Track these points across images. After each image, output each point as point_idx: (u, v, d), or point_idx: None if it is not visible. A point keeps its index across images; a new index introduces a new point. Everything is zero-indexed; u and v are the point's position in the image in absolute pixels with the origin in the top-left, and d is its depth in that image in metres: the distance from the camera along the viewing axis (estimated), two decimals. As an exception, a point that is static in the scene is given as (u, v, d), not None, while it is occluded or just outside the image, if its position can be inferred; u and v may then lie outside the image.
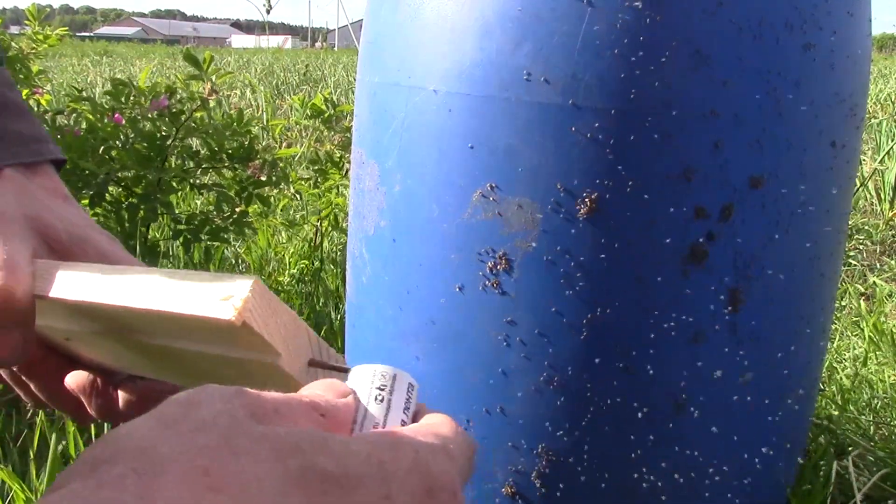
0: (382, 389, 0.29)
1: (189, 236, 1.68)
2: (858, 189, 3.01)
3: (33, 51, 1.92)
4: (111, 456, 0.22)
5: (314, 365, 0.33)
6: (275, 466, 0.21)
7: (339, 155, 2.05)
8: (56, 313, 0.39)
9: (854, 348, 1.67)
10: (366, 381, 0.30)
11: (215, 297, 0.30)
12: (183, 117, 1.63)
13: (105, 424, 1.05)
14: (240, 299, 0.30)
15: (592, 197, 0.72)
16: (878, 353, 1.61)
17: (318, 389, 0.29)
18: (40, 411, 1.13)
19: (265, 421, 0.24)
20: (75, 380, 0.43)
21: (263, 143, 3.42)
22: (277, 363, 0.31)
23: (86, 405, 0.43)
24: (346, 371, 0.32)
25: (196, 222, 1.69)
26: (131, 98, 1.66)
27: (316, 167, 2.02)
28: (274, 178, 1.75)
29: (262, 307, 0.30)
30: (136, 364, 0.41)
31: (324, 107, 2.04)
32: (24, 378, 0.42)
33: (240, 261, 2.11)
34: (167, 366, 0.40)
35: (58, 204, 0.43)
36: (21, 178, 0.42)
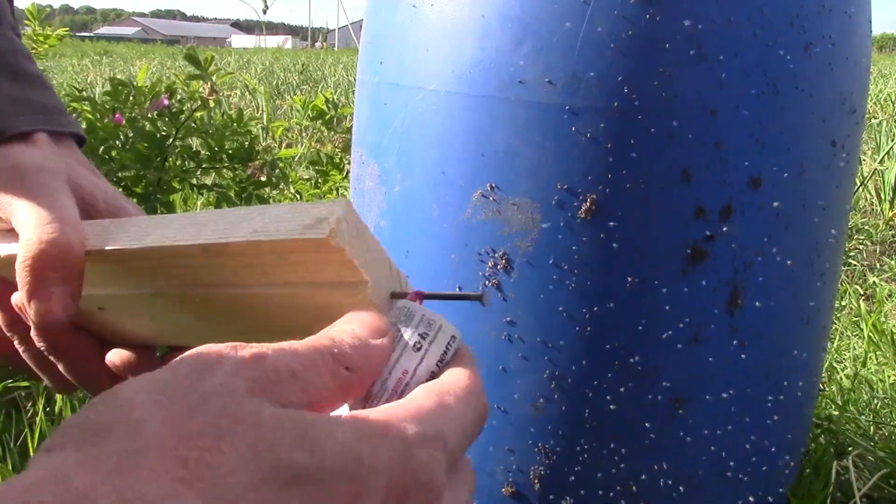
0: (424, 338, 0.29)
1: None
2: (858, 189, 3.01)
3: (33, 51, 1.92)
4: (105, 427, 0.21)
5: (396, 297, 0.32)
6: (249, 461, 0.21)
7: (339, 156, 2.04)
8: (93, 278, 0.38)
9: (854, 348, 1.67)
10: (411, 322, 0.29)
11: (305, 220, 0.30)
12: (183, 117, 1.63)
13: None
14: (333, 219, 0.29)
15: (592, 197, 0.72)
16: (877, 353, 1.61)
17: (354, 326, 0.28)
18: (40, 411, 1.13)
19: (275, 392, 0.24)
20: (119, 356, 0.41)
21: (263, 144, 3.42)
22: (365, 292, 0.31)
23: None
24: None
25: (196, 222, 1.69)
26: (131, 98, 1.66)
27: (316, 168, 2.02)
28: (274, 179, 1.75)
29: (352, 231, 0.30)
30: (185, 330, 0.39)
31: (325, 108, 2.04)
32: (52, 358, 0.40)
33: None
34: (227, 324, 0.37)
35: (88, 173, 0.43)
36: (54, 144, 0.42)
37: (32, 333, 0.38)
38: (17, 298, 0.37)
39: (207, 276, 0.34)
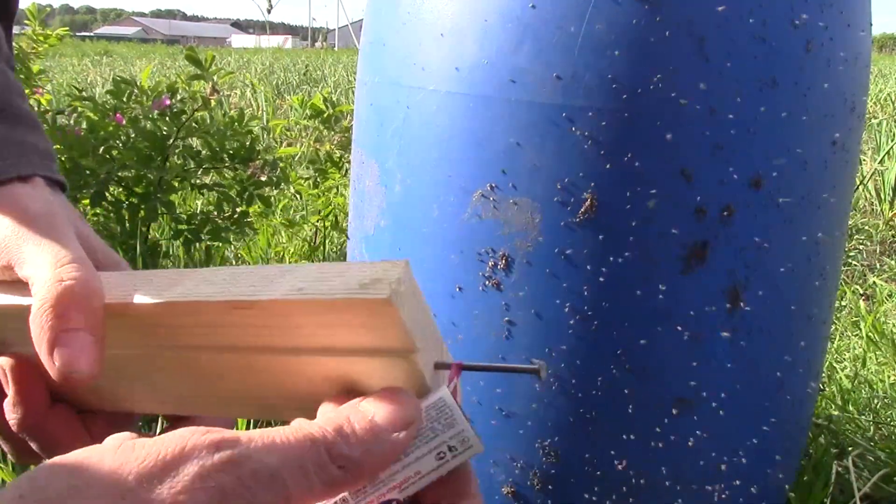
0: (451, 450, 0.27)
1: (189, 236, 1.68)
2: (858, 189, 3.01)
3: (33, 51, 1.92)
4: None
5: (439, 367, 0.30)
6: None
7: (338, 155, 2.05)
8: None
9: (854, 348, 1.68)
10: (449, 430, 0.27)
11: (360, 278, 0.28)
12: (184, 117, 1.63)
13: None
14: (394, 279, 0.28)
15: (592, 197, 0.72)
16: (877, 353, 1.61)
17: (375, 410, 0.26)
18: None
19: (245, 498, 0.23)
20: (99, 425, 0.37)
21: (264, 144, 3.42)
22: (413, 361, 0.29)
23: None
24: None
25: (196, 222, 1.70)
26: (133, 97, 1.66)
27: (316, 167, 2.02)
28: (274, 179, 1.75)
29: (409, 294, 0.28)
30: (189, 398, 0.37)
31: (323, 107, 2.04)
32: (23, 435, 0.36)
33: (240, 261, 2.11)
34: (241, 391, 0.35)
35: (84, 224, 0.40)
36: (50, 190, 0.39)
37: (7, 404, 0.34)
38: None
39: (232, 338, 0.32)
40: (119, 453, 0.23)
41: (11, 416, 0.34)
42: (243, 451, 0.23)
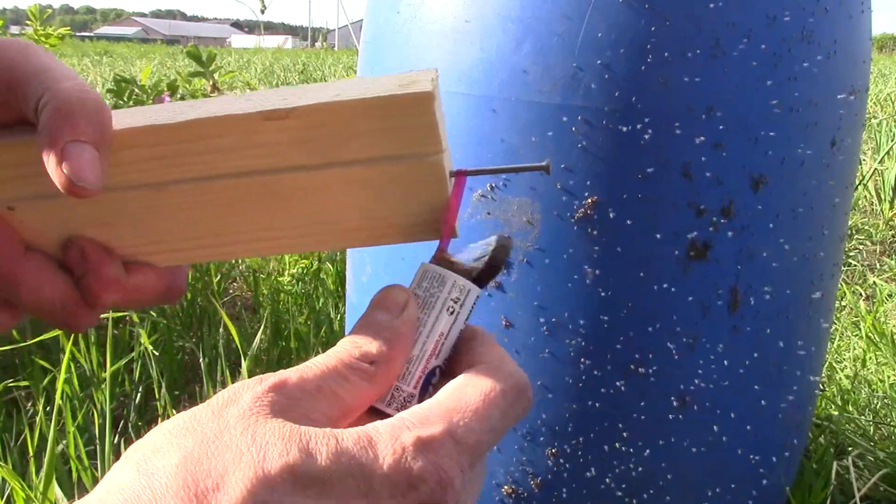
0: (456, 302, 0.30)
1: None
2: (858, 189, 3.01)
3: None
4: (127, 459, 0.24)
5: (455, 175, 0.33)
6: (251, 481, 0.23)
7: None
8: None
9: (854, 348, 1.68)
10: (444, 288, 0.30)
11: (397, 82, 0.30)
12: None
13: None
14: (434, 76, 0.30)
15: (592, 197, 0.72)
16: (877, 353, 1.61)
17: (377, 311, 0.29)
18: (40, 411, 1.13)
19: (299, 411, 0.25)
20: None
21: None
22: (440, 163, 0.31)
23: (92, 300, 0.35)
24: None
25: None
26: (134, 95, 1.66)
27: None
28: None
29: (438, 97, 0.30)
30: (193, 241, 0.35)
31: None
32: None
33: (240, 260, 2.11)
34: (263, 218, 0.34)
35: None
36: None
37: None
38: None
39: (257, 158, 0.31)
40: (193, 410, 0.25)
41: None
42: (284, 377, 0.26)
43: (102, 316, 1.35)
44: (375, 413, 0.28)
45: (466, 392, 0.27)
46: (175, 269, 0.37)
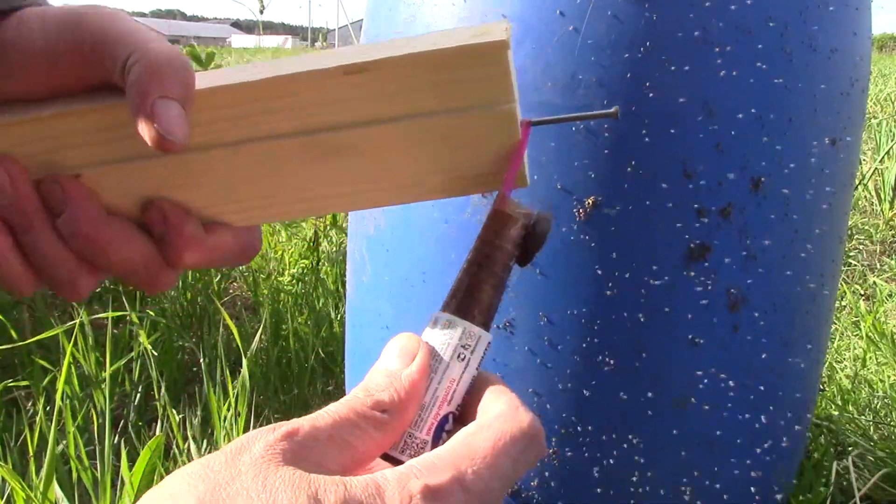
0: (466, 348, 0.30)
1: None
2: (858, 189, 3.01)
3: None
4: None
5: (523, 125, 0.34)
6: None
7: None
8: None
9: (854, 348, 1.68)
10: (455, 335, 0.30)
11: (471, 33, 0.31)
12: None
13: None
14: (507, 26, 0.31)
15: (592, 197, 0.72)
16: (877, 353, 1.61)
17: (385, 362, 0.30)
18: (40, 411, 1.13)
19: (311, 458, 0.25)
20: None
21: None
22: (512, 113, 0.33)
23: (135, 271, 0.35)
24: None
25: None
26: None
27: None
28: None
29: (510, 46, 0.32)
30: (267, 199, 0.35)
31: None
32: (78, 246, 0.34)
33: (240, 260, 2.11)
34: (339, 173, 0.34)
35: None
36: None
37: (63, 220, 0.34)
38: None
39: (334, 114, 0.32)
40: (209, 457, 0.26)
41: (68, 230, 0.34)
42: (296, 426, 0.26)
43: (102, 316, 1.35)
44: (389, 460, 0.29)
45: (476, 439, 0.27)
46: (250, 229, 0.38)
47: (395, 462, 0.28)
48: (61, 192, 0.34)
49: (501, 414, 0.29)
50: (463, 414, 0.30)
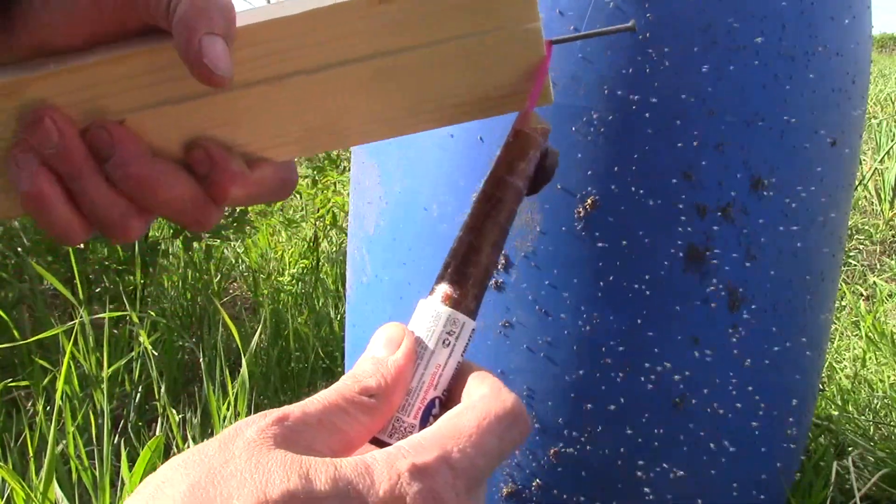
0: (451, 335, 0.31)
1: (189, 235, 1.68)
2: (858, 189, 3.01)
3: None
4: (137, 492, 0.25)
5: (548, 44, 0.36)
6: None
7: (336, 153, 2.05)
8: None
9: (854, 348, 1.68)
10: (439, 322, 0.31)
11: None
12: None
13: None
14: None
15: (592, 197, 0.72)
16: (877, 353, 1.61)
17: (372, 351, 0.31)
18: (40, 411, 1.13)
19: (302, 442, 0.26)
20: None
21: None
22: (537, 32, 0.34)
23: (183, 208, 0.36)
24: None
25: (196, 221, 1.69)
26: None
27: (314, 165, 2.02)
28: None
29: None
30: (307, 133, 0.37)
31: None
32: (125, 188, 0.35)
33: (240, 262, 2.11)
34: (366, 111, 0.36)
35: None
36: None
37: (112, 163, 0.34)
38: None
39: (368, 43, 0.34)
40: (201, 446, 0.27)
41: (117, 173, 0.35)
42: (286, 412, 0.27)
43: (102, 316, 1.35)
44: (378, 444, 0.30)
45: (461, 420, 0.28)
46: (288, 164, 0.39)
47: (384, 445, 0.28)
48: (108, 136, 0.35)
49: (485, 395, 0.29)
50: (448, 401, 0.31)
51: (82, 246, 1.63)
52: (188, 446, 1.07)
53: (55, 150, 0.34)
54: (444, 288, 0.32)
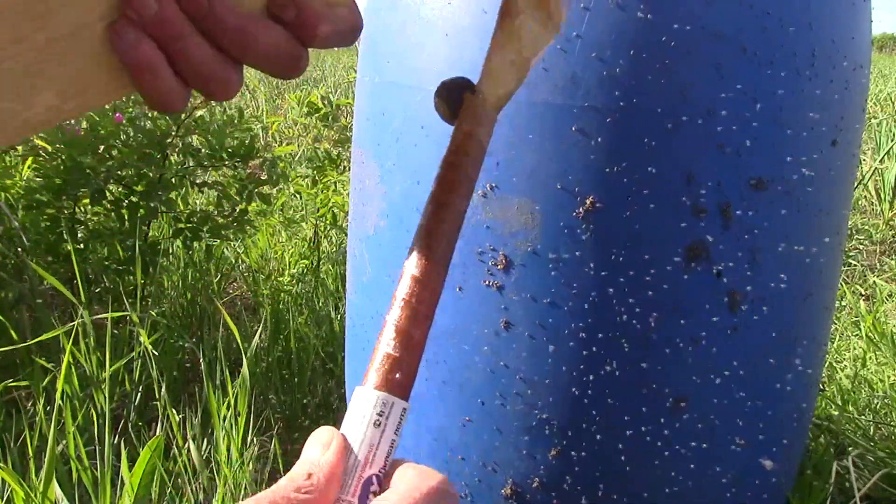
0: (381, 415, 0.34)
1: (189, 234, 1.68)
2: (858, 189, 3.01)
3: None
4: None
5: None
6: None
7: (336, 153, 2.05)
8: None
9: (854, 348, 1.68)
10: (370, 405, 0.34)
11: None
12: (183, 115, 1.63)
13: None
14: None
15: (592, 197, 0.72)
16: (877, 353, 1.61)
17: (306, 454, 0.34)
18: (40, 411, 1.13)
19: None
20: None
21: (263, 143, 3.42)
22: None
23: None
24: None
25: (196, 220, 1.69)
26: (133, 95, 1.66)
27: (314, 165, 2.02)
28: (274, 177, 1.75)
29: None
30: None
31: (321, 104, 2.04)
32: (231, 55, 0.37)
33: (241, 263, 2.11)
34: None
35: None
36: None
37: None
38: None
39: None
40: None
41: (216, 29, 0.36)
42: None
43: (102, 316, 1.35)
44: None
45: (391, 498, 0.31)
46: (354, 8, 0.41)
47: None
48: None
49: (413, 476, 0.32)
50: (384, 484, 0.34)
51: (82, 246, 1.62)
52: (188, 446, 1.07)
53: (155, 18, 0.35)
54: (373, 376, 0.35)
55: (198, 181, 1.79)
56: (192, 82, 0.38)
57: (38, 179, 1.60)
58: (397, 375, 0.35)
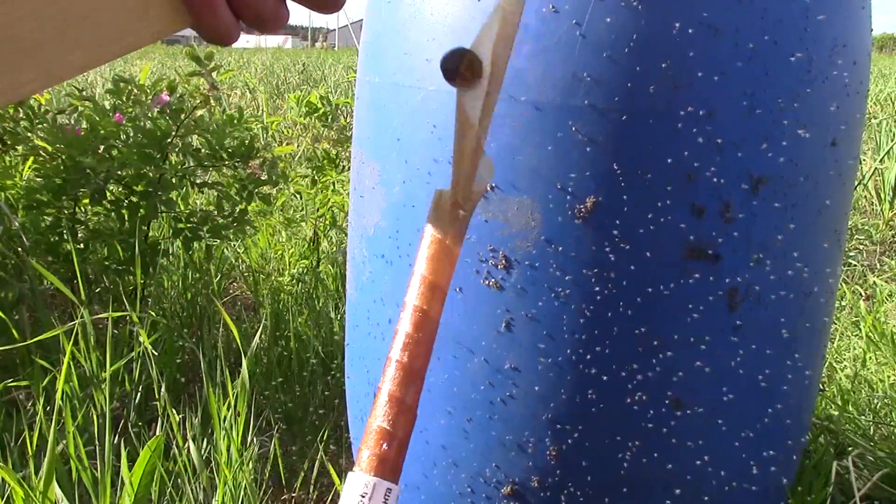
0: (364, 496, 0.35)
1: (189, 234, 1.68)
2: (858, 189, 3.01)
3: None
4: None
5: None
6: None
7: (335, 152, 2.05)
8: None
9: (854, 348, 1.68)
10: (356, 487, 0.36)
11: None
12: (183, 116, 1.63)
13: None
14: None
15: (592, 197, 0.72)
16: (877, 353, 1.61)
17: None
18: (40, 411, 1.13)
19: None
20: None
21: (262, 143, 3.42)
22: None
23: None
24: None
25: (196, 220, 1.70)
26: (132, 95, 1.66)
27: (313, 165, 2.02)
28: (274, 177, 1.75)
29: None
30: None
31: (319, 104, 2.04)
32: None
33: (241, 262, 2.11)
34: None
35: None
36: None
37: None
38: None
39: None
40: None
41: None
42: None
43: (102, 316, 1.35)
44: None
45: None
46: None
47: None
48: None
49: None
50: None
51: (82, 246, 1.62)
52: (188, 446, 1.07)
53: None
54: (364, 454, 0.37)
55: (198, 181, 1.79)
56: (246, 18, 0.40)
57: (38, 179, 1.60)
58: (385, 448, 0.36)
